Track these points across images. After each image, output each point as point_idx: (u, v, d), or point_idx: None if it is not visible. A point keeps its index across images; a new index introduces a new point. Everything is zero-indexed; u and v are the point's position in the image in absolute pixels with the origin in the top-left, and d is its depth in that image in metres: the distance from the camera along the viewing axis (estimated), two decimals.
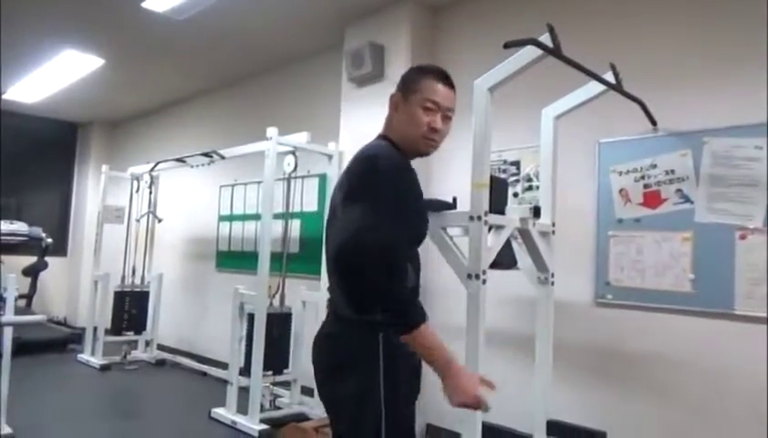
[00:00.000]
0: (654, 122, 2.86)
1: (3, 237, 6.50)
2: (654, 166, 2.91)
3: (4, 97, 6.35)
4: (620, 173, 3.02)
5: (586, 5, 3.25)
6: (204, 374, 5.38)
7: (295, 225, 4.82)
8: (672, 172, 2.84)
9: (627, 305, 2.95)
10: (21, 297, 6.27)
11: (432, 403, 1.70)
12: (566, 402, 2.94)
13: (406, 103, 1.55)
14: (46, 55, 5.17)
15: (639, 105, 2.75)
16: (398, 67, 3.88)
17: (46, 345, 6.11)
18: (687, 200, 2.79)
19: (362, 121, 4.05)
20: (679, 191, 2.82)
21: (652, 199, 2.90)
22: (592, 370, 3.05)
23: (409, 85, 1.56)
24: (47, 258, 7.10)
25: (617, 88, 2.58)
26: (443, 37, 4.00)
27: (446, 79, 1.56)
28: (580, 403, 3.00)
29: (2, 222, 6.64)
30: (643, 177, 2.94)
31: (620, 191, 3.01)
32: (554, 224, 2.70)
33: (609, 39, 3.10)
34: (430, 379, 1.77)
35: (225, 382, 4.23)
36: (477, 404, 1.36)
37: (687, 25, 2.87)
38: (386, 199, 1.36)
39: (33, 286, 6.96)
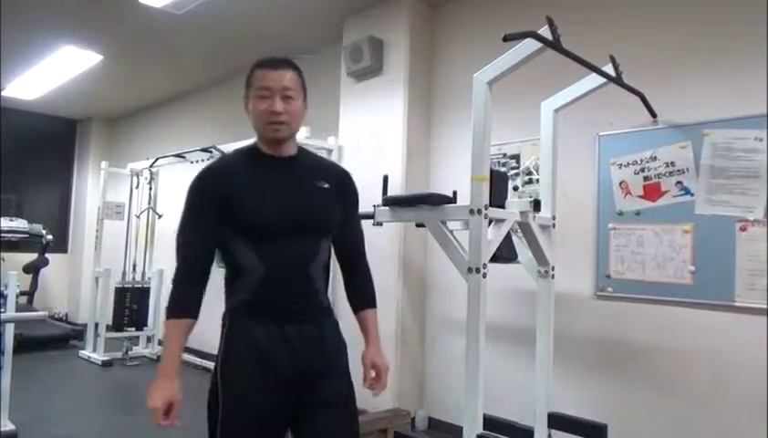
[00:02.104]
0: (654, 114, 2.85)
1: (3, 234, 6.49)
2: (654, 158, 2.90)
3: (3, 93, 6.33)
4: (620, 166, 3.01)
5: None
6: (206, 369, 5.39)
7: None
8: (672, 164, 2.84)
9: (628, 297, 2.95)
10: (22, 293, 6.25)
11: (434, 396, 1.70)
12: (567, 395, 2.95)
13: (249, 102, 1.60)
14: (44, 51, 5.15)
15: (639, 97, 2.74)
16: (397, 61, 3.88)
17: (47, 341, 6.11)
18: (687, 192, 2.79)
19: (361, 115, 4.03)
20: (679, 183, 2.82)
21: (652, 191, 2.90)
22: (593, 362, 3.06)
23: (246, 85, 1.61)
24: (48, 255, 7.09)
25: (617, 80, 2.57)
26: (442, 31, 3.98)
27: (272, 64, 1.56)
28: (581, 396, 3.01)
29: (2, 219, 6.63)
30: (643, 169, 2.94)
31: (620, 183, 3.01)
32: (554, 218, 2.70)
33: (609, 32, 3.09)
34: (430, 376, 1.77)
35: None
36: (153, 412, 1.45)
37: (687, 16, 2.86)
38: (184, 211, 1.64)
39: (34, 283, 6.95)
